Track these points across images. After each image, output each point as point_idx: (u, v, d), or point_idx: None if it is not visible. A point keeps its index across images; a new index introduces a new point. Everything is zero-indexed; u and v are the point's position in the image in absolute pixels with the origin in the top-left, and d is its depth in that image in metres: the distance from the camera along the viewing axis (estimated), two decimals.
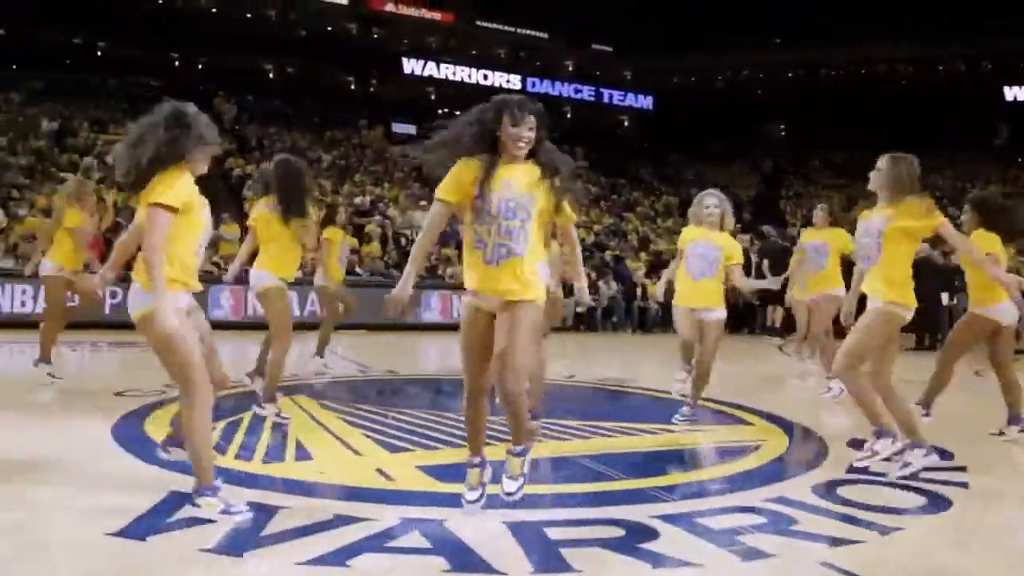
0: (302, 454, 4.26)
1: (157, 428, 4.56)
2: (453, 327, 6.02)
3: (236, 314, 12.49)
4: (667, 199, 28.15)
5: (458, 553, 2.80)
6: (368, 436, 4.76)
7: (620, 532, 3.07)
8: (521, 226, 3.07)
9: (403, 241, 17.89)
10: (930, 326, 13.19)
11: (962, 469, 4.23)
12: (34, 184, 17.46)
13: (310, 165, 22.47)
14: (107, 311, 11.41)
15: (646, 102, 34.04)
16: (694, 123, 32.06)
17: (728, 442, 5.03)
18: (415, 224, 18.49)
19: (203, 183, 3.36)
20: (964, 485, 3.91)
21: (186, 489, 3.29)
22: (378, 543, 2.88)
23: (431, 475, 3.87)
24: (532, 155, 3.15)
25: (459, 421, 5.24)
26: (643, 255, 20.92)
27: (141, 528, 2.94)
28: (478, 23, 31.40)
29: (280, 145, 24.46)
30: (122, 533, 2.89)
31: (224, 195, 20.52)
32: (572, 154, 28.52)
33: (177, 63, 28.89)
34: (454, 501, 3.33)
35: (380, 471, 3.92)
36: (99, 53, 27.52)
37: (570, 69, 34.13)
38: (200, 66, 29.15)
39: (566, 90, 33.18)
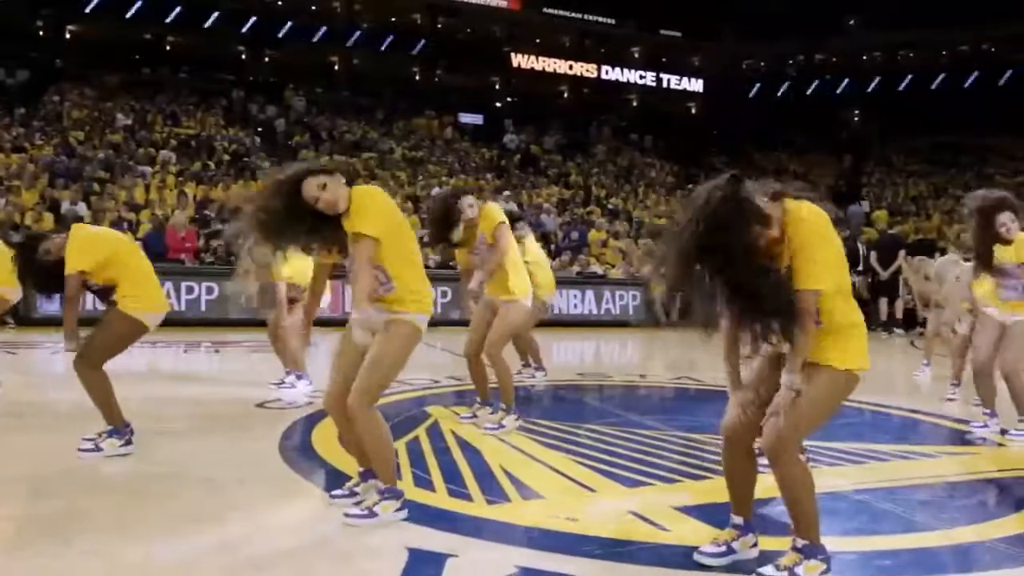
0: (525, 491, 3.56)
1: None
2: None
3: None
4: None
5: None
6: (580, 462, 4.06)
7: None
8: None
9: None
10: None
11: None
12: (114, 177, 17.23)
13: (381, 157, 22.29)
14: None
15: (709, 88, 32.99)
16: (768, 111, 30.86)
17: None
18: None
19: None
20: None
21: (426, 547, 2.68)
22: None
23: (698, 518, 3.16)
24: None
25: (673, 440, 4.56)
26: None
27: None
28: (544, 10, 30.60)
29: (350, 137, 24.10)
30: None
31: None
32: (641, 142, 27.87)
33: (244, 57, 28.69)
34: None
35: (637, 515, 3.20)
36: (168, 48, 27.38)
37: (636, 56, 33.13)
38: (267, 59, 28.91)
39: (633, 76, 32.27)
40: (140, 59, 26.77)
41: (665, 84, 32.46)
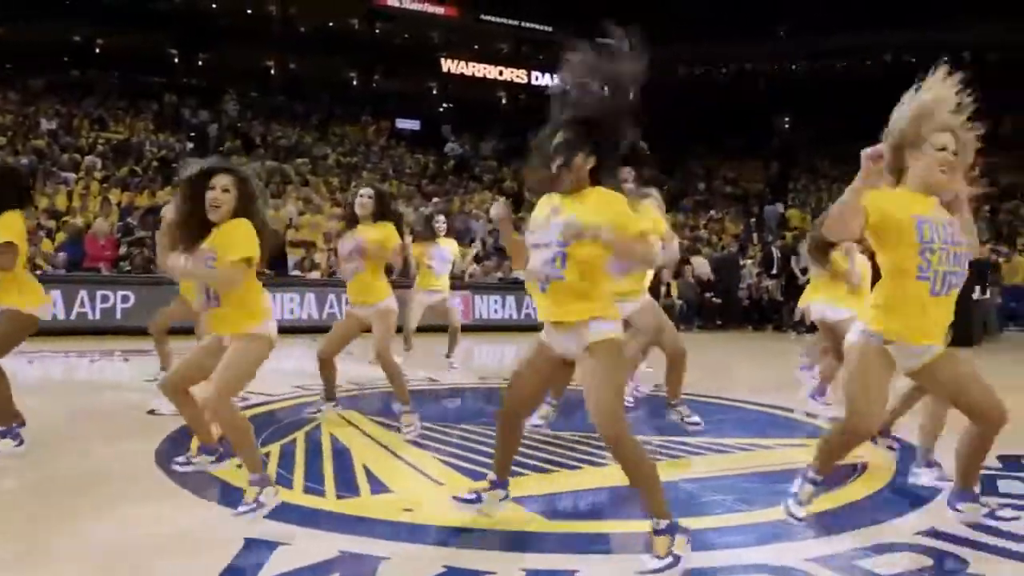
0: (377, 486, 3.81)
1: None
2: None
3: None
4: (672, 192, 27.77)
5: None
6: (441, 460, 4.33)
7: None
8: None
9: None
10: (962, 321, 12.82)
11: None
12: (36, 184, 16.95)
13: (315, 163, 22.29)
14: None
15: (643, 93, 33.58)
16: (702, 115, 31.55)
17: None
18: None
19: None
20: None
21: (262, 537, 2.92)
22: None
23: (533, 510, 3.45)
24: None
25: (540, 438, 4.83)
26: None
27: None
28: (482, 17, 30.90)
29: (285, 142, 24.04)
30: None
31: None
32: None
33: (177, 60, 28.37)
34: (572, 543, 2.92)
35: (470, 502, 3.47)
36: (98, 50, 26.93)
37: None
38: (201, 63, 28.63)
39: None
40: (68, 61, 26.30)
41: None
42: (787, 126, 35.19)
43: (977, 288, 12.89)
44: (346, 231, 5.24)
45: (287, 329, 6.18)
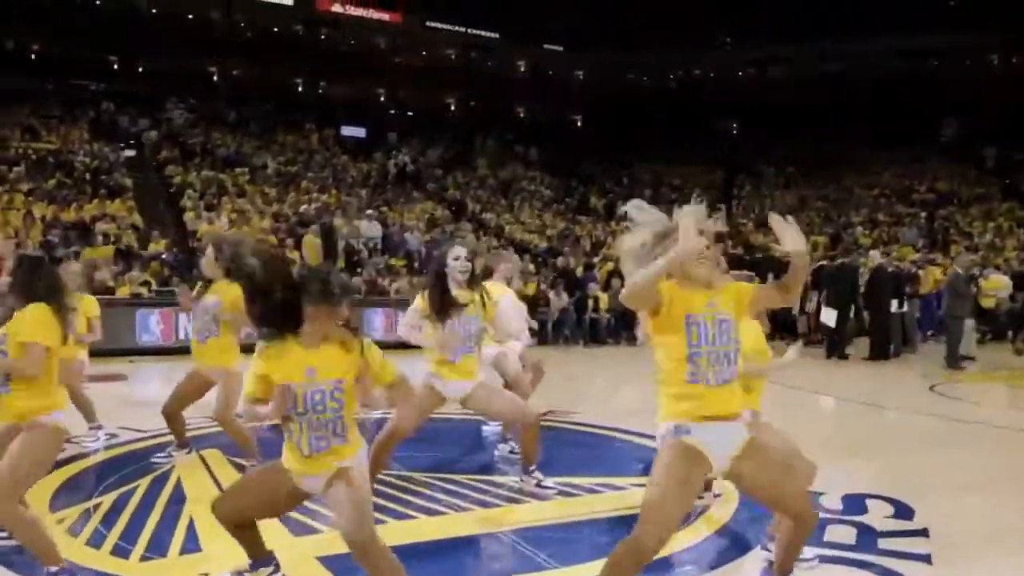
0: (191, 544, 3.74)
1: None
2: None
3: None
4: (620, 202, 27.92)
5: None
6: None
7: None
8: None
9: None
10: (881, 335, 13.06)
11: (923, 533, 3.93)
12: None
13: (254, 172, 22.04)
14: None
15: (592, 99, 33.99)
16: (648, 123, 31.81)
17: None
18: (362, 234, 17.93)
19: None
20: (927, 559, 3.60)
21: None
22: None
23: (329, 568, 3.41)
24: None
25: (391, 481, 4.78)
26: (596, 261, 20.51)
27: None
28: (428, 24, 30.85)
29: (223, 151, 23.73)
30: None
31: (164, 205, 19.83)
32: (526, 155, 28.17)
33: (116, 66, 27.88)
34: None
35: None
36: (32, 56, 26.34)
37: (522, 69, 33.74)
38: (141, 69, 28.16)
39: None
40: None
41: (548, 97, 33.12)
42: (734, 132, 35.65)
43: (895, 301, 13.27)
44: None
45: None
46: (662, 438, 2.81)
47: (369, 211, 19.07)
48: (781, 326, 14.02)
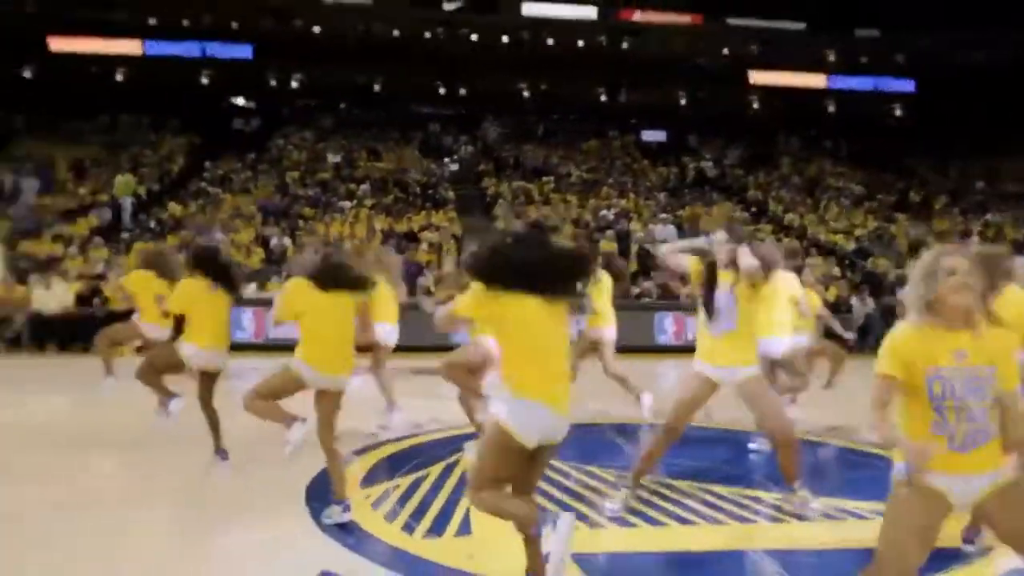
0: (466, 528, 4.36)
1: None
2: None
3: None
4: (943, 198, 25.23)
5: None
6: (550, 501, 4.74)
7: None
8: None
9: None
10: None
11: None
12: (318, 214, 19.67)
13: (559, 181, 23.38)
14: None
15: (909, 86, 30.84)
16: (989, 109, 28.16)
17: None
18: (656, 238, 18.28)
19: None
20: None
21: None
22: None
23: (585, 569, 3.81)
24: None
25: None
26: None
27: None
28: (728, 21, 30.24)
29: (533, 162, 25.45)
30: None
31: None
32: (835, 151, 26.61)
33: (442, 91, 30.93)
34: None
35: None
36: (376, 89, 30.15)
37: (831, 59, 31.71)
38: (463, 92, 30.98)
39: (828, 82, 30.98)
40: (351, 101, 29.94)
41: (868, 88, 30.75)
42: None
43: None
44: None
45: None
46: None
47: (663, 215, 19.36)
48: None
